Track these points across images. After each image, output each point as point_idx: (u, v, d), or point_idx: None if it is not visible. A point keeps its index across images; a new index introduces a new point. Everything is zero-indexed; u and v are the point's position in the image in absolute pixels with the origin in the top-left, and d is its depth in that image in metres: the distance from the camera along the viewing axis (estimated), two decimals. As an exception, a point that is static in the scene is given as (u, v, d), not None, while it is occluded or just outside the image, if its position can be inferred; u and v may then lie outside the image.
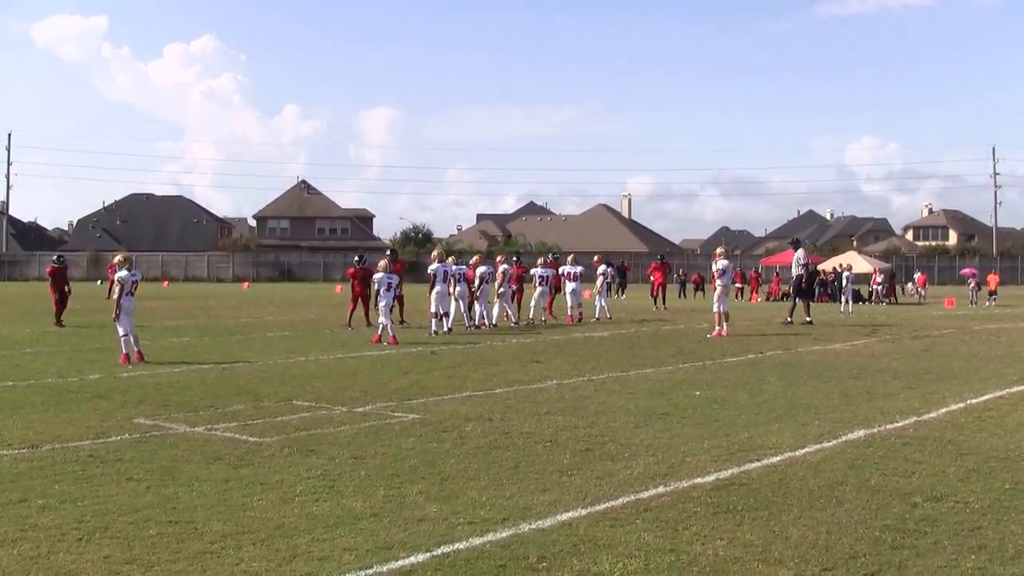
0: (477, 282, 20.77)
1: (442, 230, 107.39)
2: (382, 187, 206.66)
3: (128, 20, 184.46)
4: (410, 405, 10.42)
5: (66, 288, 22.14)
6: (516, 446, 8.26)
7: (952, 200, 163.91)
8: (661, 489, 6.88)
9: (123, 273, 14.53)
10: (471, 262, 21.68)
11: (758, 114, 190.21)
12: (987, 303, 39.31)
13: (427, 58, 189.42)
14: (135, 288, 14.29)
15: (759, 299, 43.57)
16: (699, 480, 7.17)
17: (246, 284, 62.49)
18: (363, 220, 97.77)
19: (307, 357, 15.23)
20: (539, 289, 22.83)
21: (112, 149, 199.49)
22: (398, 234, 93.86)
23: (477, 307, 21.02)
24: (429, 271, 19.54)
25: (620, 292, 42.76)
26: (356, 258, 22.10)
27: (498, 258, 22.83)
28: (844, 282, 31.13)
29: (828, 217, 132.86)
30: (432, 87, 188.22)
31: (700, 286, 49.30)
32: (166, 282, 61.85)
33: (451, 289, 19.86)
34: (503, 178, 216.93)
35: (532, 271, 23.17)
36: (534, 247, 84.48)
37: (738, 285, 48.98)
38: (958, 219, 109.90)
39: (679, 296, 44.75)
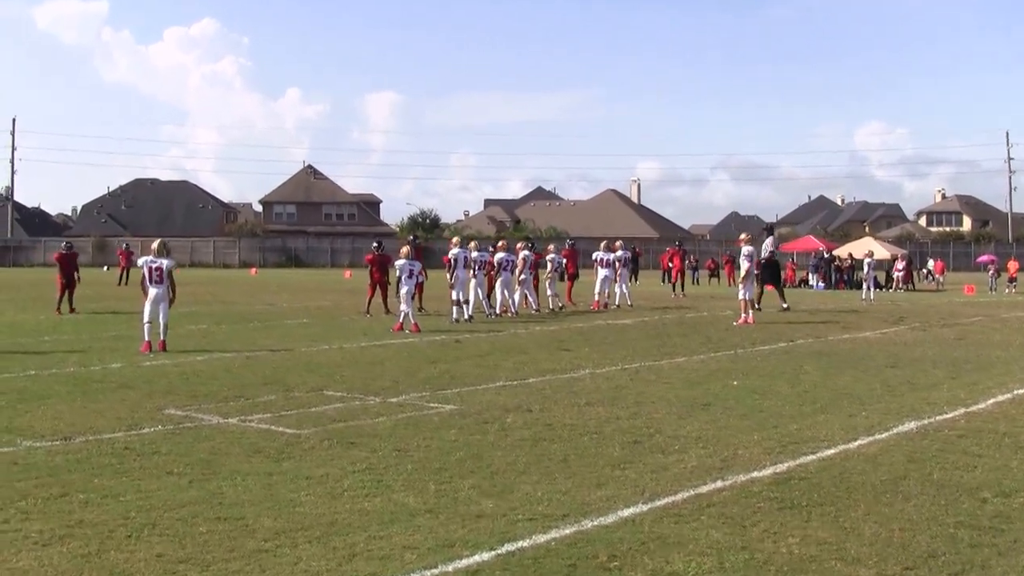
0: (496, 269, 20.57)
1: (449, 215, 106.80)
2: (386, 172, 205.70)
3: (128, 4, 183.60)
4: (444, 395, 10.25)
5: (76, 275, 22.03)
6: (562, 438, 8.10)
7: (964, 186, 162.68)
8: (719, 483, 6.71)
9: (142, 259, 14.36)
10: (495, 247, 21.45)
11: (765, 98, 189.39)
12: (1007, 290, 38.97)
13: (430, 42, 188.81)
14: (159, 275, 14.05)
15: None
16: (756, 474, 7.00)
17: (254, 270, 62.30)
18: (370, 205, 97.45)
19: (330, 345, 15.06)
20: (550, 277, 22.66)
21: (114, 134, 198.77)
22: (405, 219, 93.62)
23: (498, 294, 20.81)
24: (449, 256, 19.32)
25: (633, 278, 42.55)
26: (374, 244, 21.91)
27: (519, 244, 22.59)
28: (866, 269, 30.84)
29: (839, 203, 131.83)
30: (435, 72, 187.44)
31: (715, 272, 49.01)
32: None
33: (472, 275, 19.65)
34: (508, 163, 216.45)
35: (547, 258, 22.97)
36: (544, 232, 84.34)
37: (755, 272, 48.76)
38: (971, 204, 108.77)
39: (692, 283, 44.38)
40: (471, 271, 19.53)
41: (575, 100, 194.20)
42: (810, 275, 45.27)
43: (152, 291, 14.08)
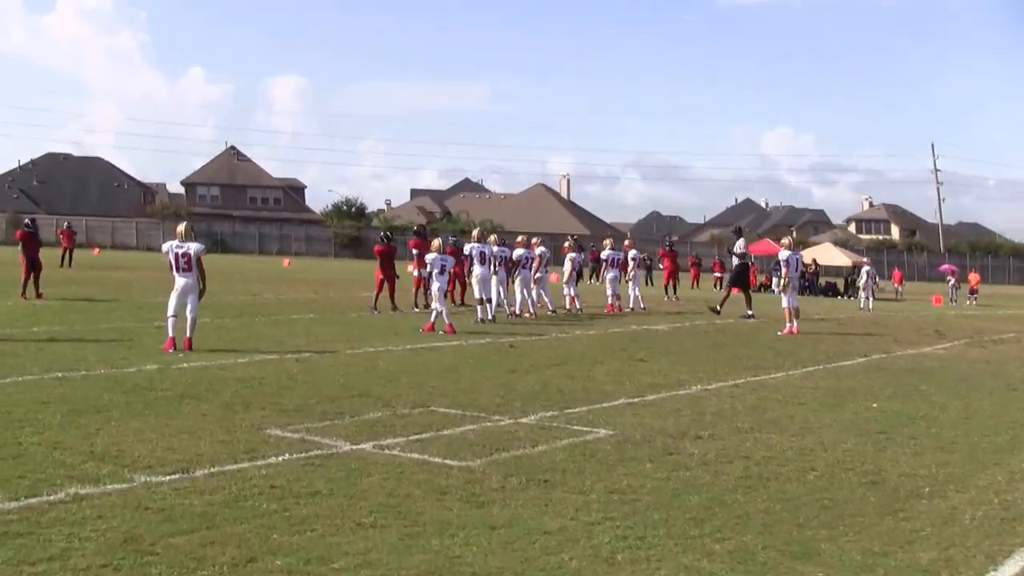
0: (515, 266, 19.24)
1: (366, 204, 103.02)
2: (295, 156, 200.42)
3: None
4: (578, 415, 8.97)
5: (39, 256, 20.08)
6: (784, 476, 6.93)
7: (871, 194, 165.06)
8: (1041, 543, 5.66)
9: (166, 244, 12.67)
10: (515, 242, 20.11)
11: (678, 98, 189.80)
12: (968, 302, 39.01)
13: (335, 26, 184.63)
14: (187, 262, 12.37)
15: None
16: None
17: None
18: (295, 190, 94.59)
19: (373, 347, 13.54)
20: (566, 274, 21.40)
21: (9, 105, 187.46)
22: (329, 206, 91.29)
23: (517, 294, 19.47)
24: (466, 251, 17.89)
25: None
26: (383, 235, 20.38)
27: (534, 240, 21.27)
28: (865, 277, 30.40)
29: (763, 206, 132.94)
30: (342, 56, 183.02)
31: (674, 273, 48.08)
32: (96, 249, 58.16)
33: (492, 271, 18.27)
34: (422, 151, 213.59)
35: (569, 256, 21.68)
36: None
37: (717, 274, 48.26)
38: (899, 213, 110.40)
39: (646, 283, 43.21)
40: (491, 267, 18.12)
41: (486, 91, 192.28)
42: (772, 279, 44.93)
43: (179, 281, 12.40)
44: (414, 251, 20.27)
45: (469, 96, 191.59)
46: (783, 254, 19.10)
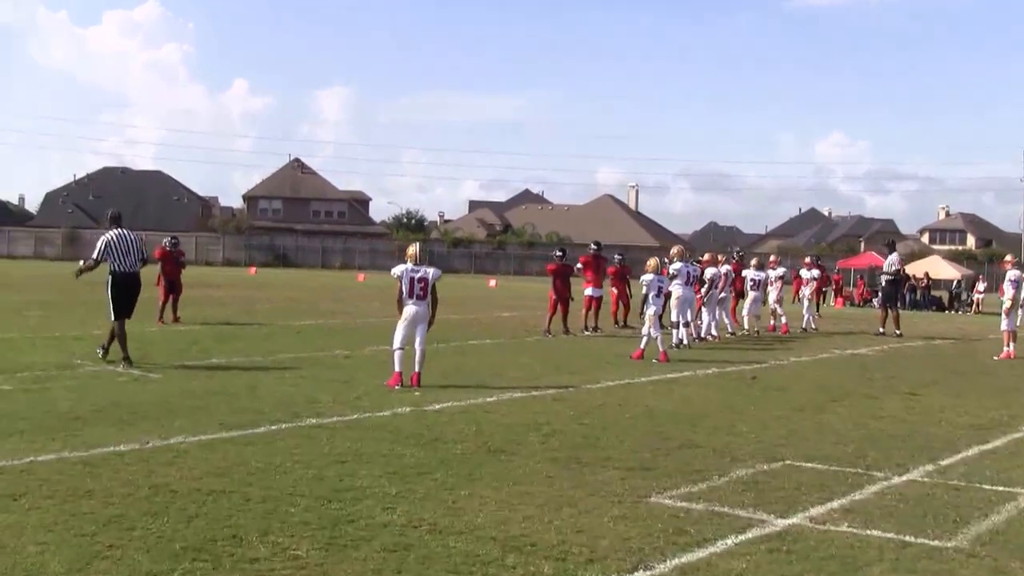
0: (706, 287, 18.01)
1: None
2: (340, 167, 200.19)
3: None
4: (961, 469, 7.73)
5: (179, 278, 19.13)
6: None
7: (929, 202, 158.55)
8: None
9: (399, 268, 11.46)
10: (703, 260, 18.84)
11: (726, 107, 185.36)
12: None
13: (383, 38, 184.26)
14: (423, 288, 11.18)
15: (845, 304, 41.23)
16: None
17: (253, 269, 58.77)
18: (360, 203, 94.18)
19: (611, 381, 12.25)
20: (752, 295, 20.06)
21: (50, 120, 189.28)
22: (390, 219, 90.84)
23: (706, 317, 18.22)
24: (672, 270, 16.71)
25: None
26: (558, 252, 19.21)
27: (719, 257, 19.98)
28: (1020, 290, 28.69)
29: (828, 215, 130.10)
30: (387, 69, 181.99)
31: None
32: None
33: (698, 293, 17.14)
34: (466, 162, 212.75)
35: (744, 273, 20.37)
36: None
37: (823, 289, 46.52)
38: (975, 223, 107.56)
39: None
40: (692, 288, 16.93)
41: (530, 102, 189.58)
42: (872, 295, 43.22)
43: (410, 309, 11.22)
44: (579, 266, 19.19)
45: (510, 106, 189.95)
46: (1012, 273, 18.02)
